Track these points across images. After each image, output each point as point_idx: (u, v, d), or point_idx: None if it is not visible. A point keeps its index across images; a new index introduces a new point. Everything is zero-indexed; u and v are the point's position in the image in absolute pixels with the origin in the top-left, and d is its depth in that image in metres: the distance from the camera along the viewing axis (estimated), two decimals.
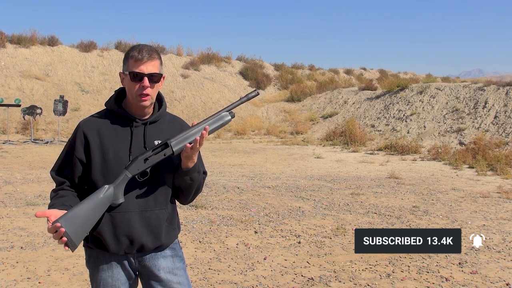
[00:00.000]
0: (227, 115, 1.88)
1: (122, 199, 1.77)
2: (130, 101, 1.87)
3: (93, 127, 1.86)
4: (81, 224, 1.69)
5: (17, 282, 3.74)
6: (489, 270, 4.15)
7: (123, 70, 1.86)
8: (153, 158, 1.79)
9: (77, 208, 1.70)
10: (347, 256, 4.50)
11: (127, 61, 1.84)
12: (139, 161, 1.77)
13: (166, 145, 1.80)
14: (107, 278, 1.87)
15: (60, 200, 1.80)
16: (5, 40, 19.67)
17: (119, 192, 1.76)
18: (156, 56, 1.85)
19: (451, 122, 14.15)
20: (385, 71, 30.66)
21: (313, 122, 18.20)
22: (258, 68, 24.75)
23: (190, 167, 1.84)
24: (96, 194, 1.74)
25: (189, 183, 1.88)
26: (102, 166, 1.82)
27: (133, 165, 1.77)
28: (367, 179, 9.04)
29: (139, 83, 1.81)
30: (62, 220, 1.67)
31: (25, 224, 5.39)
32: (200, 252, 4.57)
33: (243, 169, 10.11)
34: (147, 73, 1.81)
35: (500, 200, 7.25)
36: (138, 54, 1.81)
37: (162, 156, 1.80)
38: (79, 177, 1.85)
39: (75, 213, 1.69)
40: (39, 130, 15.81)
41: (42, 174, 8.79)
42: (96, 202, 1.72)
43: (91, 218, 1.72)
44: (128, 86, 1.84)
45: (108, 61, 21.34)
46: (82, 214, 1.70)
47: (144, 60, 1.80)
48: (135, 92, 1.82)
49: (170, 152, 1.80)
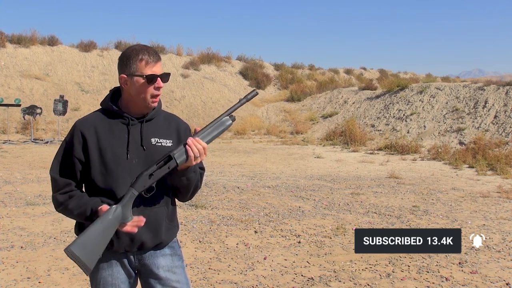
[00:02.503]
0: (227, 120, 1.87)
1: (131, 217, 1.77)
2: (133, 101, 1.86)
3: (90, 126, 1.85)
4: (93, 248, 1.71)
5: (17, 282, 3.74)
6: (489, 270, 4.15)
7: (127, 73, 1.83)
8: (158, 173, 1.78)
9: (88, 233, 1.71)
10: (347, 256, 4.50)
11: (132, 64, 1.81)
12: (144, 177, 1.77)
13: (170, 158, 1.79)
14: (107, 277, 1.87)
15: (88, 198, 1.82)
16: (5, 40, 19.67)
17: (128, 210, 1.76)
18: (159, 56, 1.89)
19: (451, 122, 14.15)
20: (385, 71, 30.66)
21: (313, 122, 18.20)
22: (258, 68, 24.75)
23: (186, 170, 1.85)
24: (105, 216, 1.73)
25: (186, 183, 1.88)
26: (100, 165, 1.82)
27: (138, 182, 1.76)
28: (367, 179, 9.04)
29: (153, 84, 1.83)
30: (74, 246, 1.69)
31: (25, 224, 5.39)
32: (200, 252, 4.57)
33: (243, 169, 10.11)
34: (160, 73, 1.84)
35: (500, 199, 7.25)
36: (148, 56, 1.82)
37: (166, 169, 1.79)
38: (79, 179, 1.86)
39: (87, 237, 1.71)
40: (39, 130, 15.81)
41: (42, 174, 8.79)
42: (105, 225, 1.73)
43: (102, 241, 1.74)
44: (140, 89, 1.83)
45: (108, 61, 21.34)
46: (93, 238, 1.71)
47: (155, 62, 1.83)
48: (150, 93, 1.83)
49: (174, 165, 1.80)
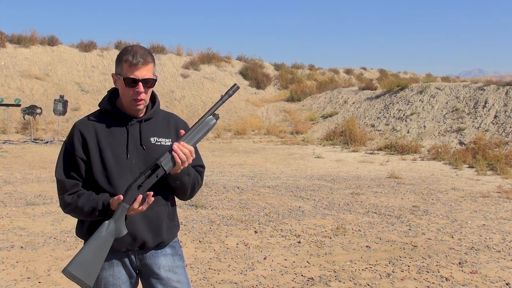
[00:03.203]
0: (211, 119, 1.83)
1: (125, 230, 1.77)
2: (124, 104, 1.88)
3: (89, 126, 1.86)
4: (90, 266, 1.72)
5: (17, 282, 3.74)
6: (489, 270, 4.15)
7: (116, 72, 1.85)
8: (147, 183, 1.76)
9: (83, 251, 1.72)
10: (347, 256, 4.50)
11: (120, 64, 1.83)
12: (133, 190, 1.75)
13: (157, 166, 1.76)
14: (108, 277, 1.87)
15: (96, 194, 1.81)
16: (5, 40, 19.67)
17: (121, 225, 1.76)
18: (150, 59, 1.84)
19: (451, 122, 14.15)
20: (385, 71, 30.64)
21: (313, 122, 18.20)
22: (258, 68, 24.74)
23: (178, 173, 1.84)
24: (99, 233, 1.74)
25: (180, 186, 1.89)
26: (101, 165, 1.82)
27: (128, 195, 1.74)
28: (367, 179, 9.04)
29: (134, 88, 1.81)
30: (71, 266, 1.69)
31: (25, 224, 5.39)
32: (200, 251, 4.57)
33: (243, 169, 10.11)
34: (142, 78, 1.80)
35: (500, 199, 7.25)
36: (132, 58, 1.79)
37: (155, 178, 1.76)
38: (84, 176, 1.86)
39: (83, 256, 1.72)
40: (39, 130, 15.81)
41: (42, 174, 8.79)
42: (100, 242, 1.74)
43: (99, 258, 1.75)
44: (122, 90, 1.84)
45: (108, 61, 21.34)
46: (89, 256, 1.72)
47: (138, 65, 1.79)
48: (130, 97, 1.82)
49: (162, 173, 1.77)
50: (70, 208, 1.82)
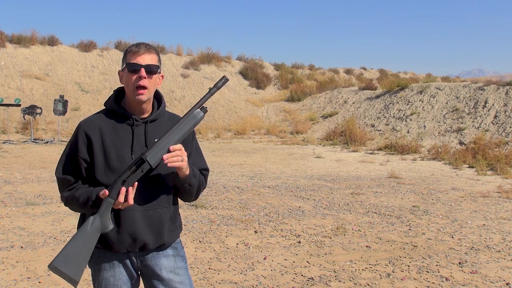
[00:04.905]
0: (199, 113, 1.82)
1: (111, 225, 1.77)
2: (129, 98, 1.87)
3: (94, 126, 1.85)
4: (75, 261, 1.72)
5: (17, 281, 3.74)
6: (489, 270, 4.15)
7: (122, 67, 1.88)
8: (132, 178, 1.74)
9: (68, 246, 1.73)
10: (347, 256, 4.50)
11: (125, 58, 1.86)
12: (118, 185, 1.73)
13: (142, 161, 1.74)
14: (109, 278, 1.87)
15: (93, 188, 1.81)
16: (5, 39, 19.66)
17: (106, 220, 1.75)
18: (154, 51, 1.86)
19: (451, 122, 14.15)
20: (385, 71, 30.64)
21: (313, 121, 18.20)
22: (258, 68, 24.73)
23: (186, 175, 1.84)
24: (84, 228, 1.75)
25: (188, 188, 1.89)
26: (105, 165, 1.82)
27: (113, 190, 1.73)
28: (367, 179, 9.04)
29: (136, 74, 1.81)
30: (57, 261, 1.70)
31: (25, 224, 5.39)
32: (200, 251, 4.57)
33: (243, 169, 10.11)
34: (144, 64, 1.81)
35: (500, 199, 7.25)
36: (135, 47, 1.83)
37: (140, 173, 1.74)
38: (85, 177, 1.86)
39: (67, 251, 1.72)
40: (39, 130, 15.81)
41: (42, 174, 8.79)
42: (84, 237, 1.74)
43: (84, 253, 1.74)
44: (126, 80, 1.84)
45: (108, 60, 21.34)
46: (74, 251, 1.73)
47: (141, 52, 1.82)
48: (132, 84, 1.81)
49: (148, 167, 1.75)
50: (68, 200, 1.84)
